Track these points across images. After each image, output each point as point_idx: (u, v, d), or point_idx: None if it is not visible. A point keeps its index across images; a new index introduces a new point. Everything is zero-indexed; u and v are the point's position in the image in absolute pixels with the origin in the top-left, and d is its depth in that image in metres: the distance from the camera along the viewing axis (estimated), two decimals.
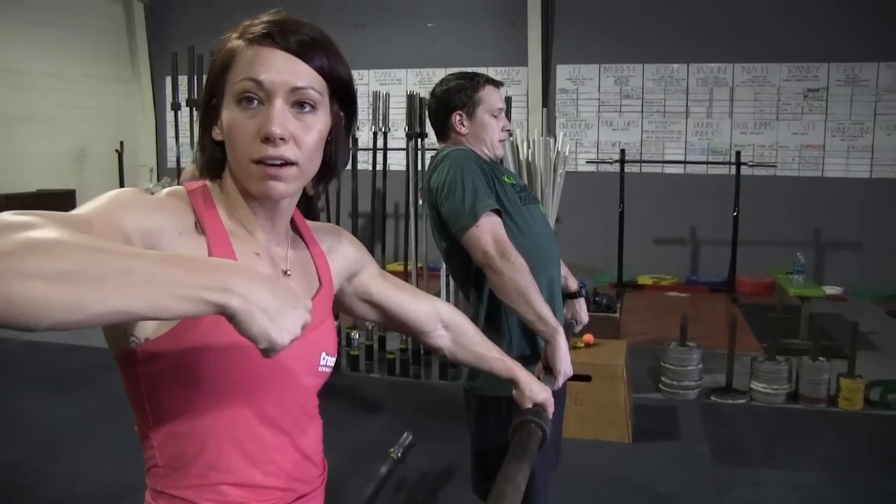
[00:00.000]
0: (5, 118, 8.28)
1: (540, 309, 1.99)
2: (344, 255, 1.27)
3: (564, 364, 1.98)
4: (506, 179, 2.18)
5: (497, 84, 2.26)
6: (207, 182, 1.08)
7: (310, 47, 1.03)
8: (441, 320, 1.44)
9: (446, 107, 2.20)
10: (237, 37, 1.04)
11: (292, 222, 1.17)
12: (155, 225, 0.95)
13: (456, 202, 2.05)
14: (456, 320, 1.48)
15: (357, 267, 1.30)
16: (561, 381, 1.98)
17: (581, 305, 2.52)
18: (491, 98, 2.20)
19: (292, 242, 1.16)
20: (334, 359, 1.18)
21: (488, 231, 2.01)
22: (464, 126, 2.19)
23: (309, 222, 1.23)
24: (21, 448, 3.93)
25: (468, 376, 2.22)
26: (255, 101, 1.00)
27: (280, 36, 1.01)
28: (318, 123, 1.03)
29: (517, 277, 1.98)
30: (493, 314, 2.15)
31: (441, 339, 1.46)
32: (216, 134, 1.05)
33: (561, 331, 2.01)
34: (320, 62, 1.04)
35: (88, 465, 3.74)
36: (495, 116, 2.21)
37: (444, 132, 2.24)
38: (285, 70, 1.00)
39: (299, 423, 1.12)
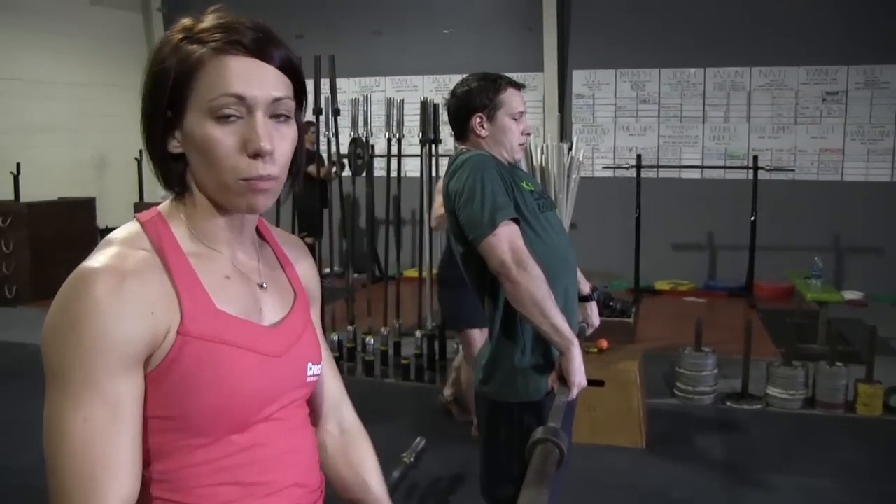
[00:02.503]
0: (26, 127, 8.39)
1: (555, 320, 1.98)
2: (304, 277, 1.19)
3: (579, 376, 1.98)
4: (525, 186, 2.17)
5: (518, 87, 2.24)
6: (161, 207, 1.03)
7: (274, 48, 1.00)
8: (339, 419, 1.31)
9: (467, 108, 2.19)
10: (191, 41, 0.96)
11: (256, 229, 1.12)
12: (132, 338, 0.90)
13: (474, 209, 2.04)
14: (355, 433, 1.33)
15: (310, 297, 1.20)
16: (575, 392, 1.98)
17: (593, 309, 2.50)
18: (512, 101, 2.19)
19: (260, 250, 1.12)
20: (320, 366, 1.15)
21: (505, 240, 2.00)
22: (483, 128, 2.18)
23: (272, 229, 1.19)
24: (37, 453, 3.96)
25: (481, 380, 2.22)
26: (234, 116, 0.95)
27: (252, 43, 0.97)
28: (291, 133, 1.01)
29: (533, 288, 1.97)
30: (508, 322, 2.14)
31: (328, 436, 1.29)
32: (174, 147, 0.98)
33: (576, 342, 2.01)
34: (286, 62, 1.01)
35: None
36: (516, 120, 2.20)
37: (463, 133, 2.23)
38: (265, 82, 0.97)
39: (291, 439, 1.09)
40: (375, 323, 5.41)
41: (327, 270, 5.73)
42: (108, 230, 5.05)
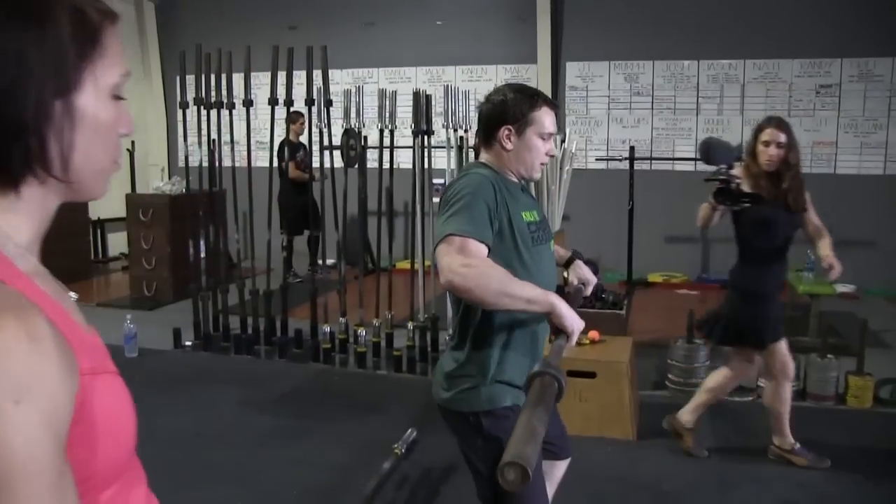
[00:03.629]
0: None
1: (524, 293, 1.90)
2: None
3: (571, 321, 1.92)
4: (525, 215, 2.13)
5: (554, 106, 2.22)
6: None
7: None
8: None
9: (498, 118, 2.16)
10: (81, 5, 0.82)
11: None
12: (60, 402, 0.71)
13: (447, 217, 2.00)
14: None
15: None
16: (575, 338, 1.93)
17: (582, 266, 2.46)
18: (544, 120, 2.16)
19: None
20: None
21: (456, 248, 1.92)
22: (510, 142, 2.15)
23: None
24: None
25: (444, 388, 2.17)
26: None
27: (113, 15, 0.87)
28: None
29: (486, 279, 1.88)
30: (480, 334, 2.10)
31: None
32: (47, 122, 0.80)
33: (552, 296, 1.94)
34: None
35: None
36: (543, 139, 2.18)
37: (489, 141, 2.20)
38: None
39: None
40: (367, 315, 5.41)
41: (319, 262, 5.71)
42: (101, 221, 5.12)
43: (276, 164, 5.67)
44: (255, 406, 4.56)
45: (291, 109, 5.44)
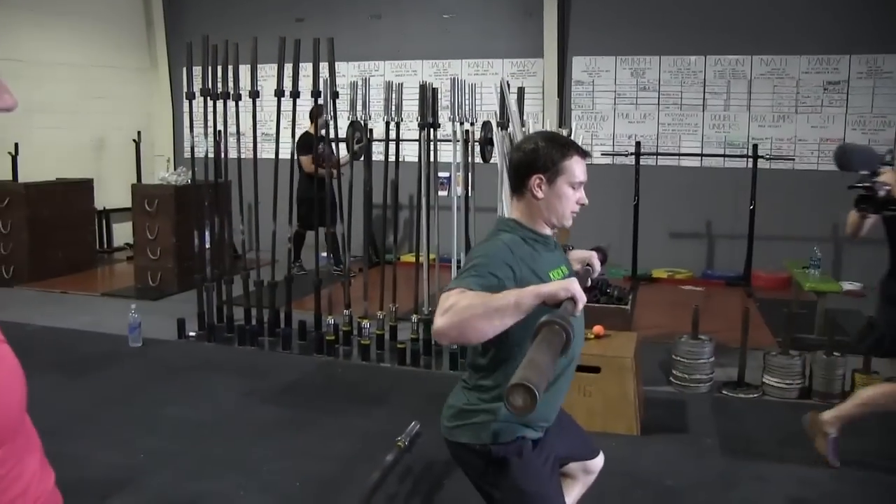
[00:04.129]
0: (25, 108, 8.32)
1: (507, 298, 1.77)
2: None
3: (564, 285, 1.76)
4: (553, 275, 2.10)
5: (585, 155, 2.21)
6: None
7: None
8: None
9: (529, 166, 2.15)
10: None
11: None
12: None
13: (456, 277, 1.97)
14: None
15: None
16: (581, 306, 1.76)
17: (581, 252, 2.45)
18: (575, 169, 2.15)
19: None
20: None
21: (451, 298, 1.82)
22: (540, 190, 2.13)
23: None
24: (40, 431, 3.97)
25: (451, 422, 2.16)
26: None
27: None
28: None
29: (470, 309, 1.76)
30: (490, 373, 2.09)
31: None
32: None
33: (532, 290, 1.79)
34: None
35: (97, 449, 3.77)
36: (574, 188, 2.17)
37: (520, 189, 2.18)
38: None
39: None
40: (372, 307, 5.40)
41: (323, 255, 5.70)
42: (106, 212, 5.12)
43: (295, 156, 5.63)
44: (259, 397, 4.56)
45: (318, 102, 5.41)
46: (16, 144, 8.00)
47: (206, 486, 3.46)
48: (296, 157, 5.61)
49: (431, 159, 5.34)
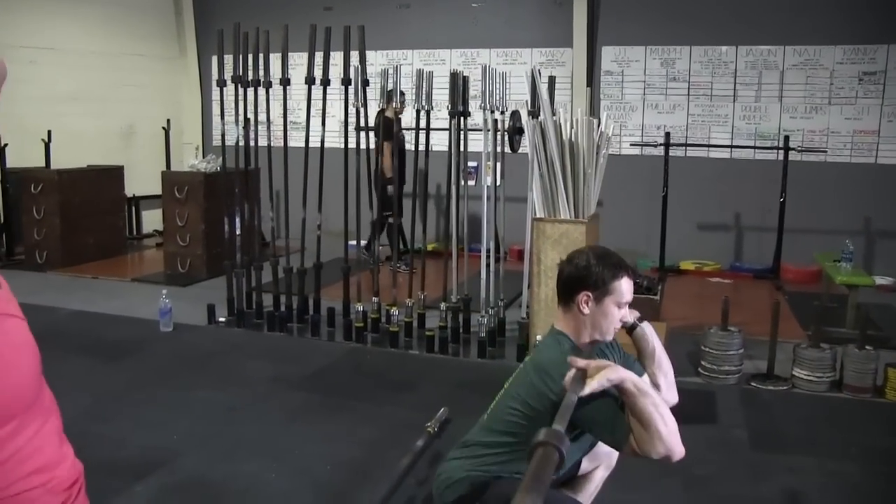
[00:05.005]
0: (56, 96, 8.45)
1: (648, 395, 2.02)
2: None
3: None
4: None
5: (634, 275, 2.32)
6: None
7: None
8: None
9: (578, 282, 2.24)
10: None
11: None
12: None
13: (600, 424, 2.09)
14: None
15: None
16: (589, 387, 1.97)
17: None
18: (623, 290, 2.23)
19: None
20: None
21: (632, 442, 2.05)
22: (587, 307, 2.23)
23: None
24: (68, 413, 3.97)
25: (445, 487, 2.36)
26: None
27: None
28: None
29: (657, 427, 2.02)
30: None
31: None
32: None
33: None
34: None
35: (132, 431, 3.83)
36: (620, 307, 2.25)
37: (567, 301, 2.28)
38: None
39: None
40: (400, 295, 5.42)
41: (353, 243, 5.72)
42: (136, 199, 5.18)
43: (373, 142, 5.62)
44: (288, 382, 4.60)
45: (388, 88, 5.41)
46: (49, 132, 8.12)
47: (239, 467, 3.50)
48: (376, 142, 5.55)
49: (461, 148, 5.34)
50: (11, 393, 0.86)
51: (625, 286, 2.24)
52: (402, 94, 5.38)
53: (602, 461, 2.60)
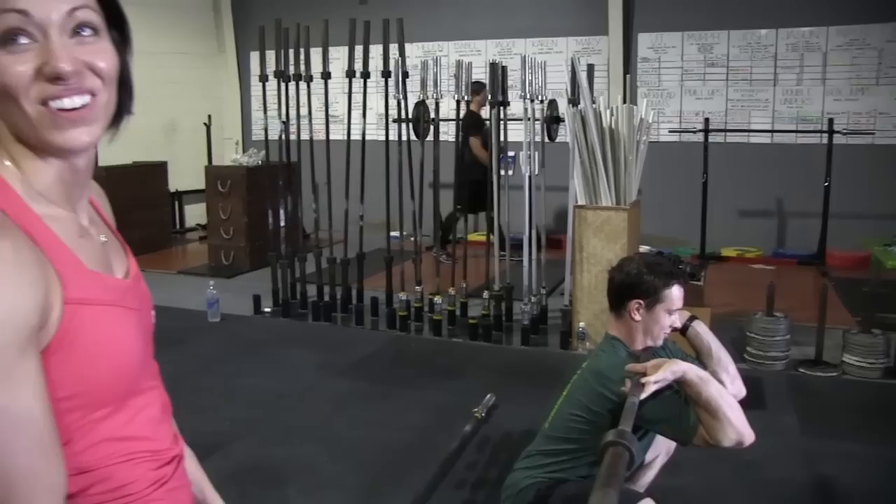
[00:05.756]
0: None
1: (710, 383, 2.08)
2: (111, 222, 1.09)
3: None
4: None
5: (683, 283, 2.34)
6: None
7: None
8: None
9: (629, 291, 2.30)
10: None
11: None
12: (33, 308, 0.78)
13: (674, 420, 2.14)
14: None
15: None
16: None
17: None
18: (674, 297, 2.30)
19: None
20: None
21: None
22: (638, 314, 2.29)
23: None
24: None
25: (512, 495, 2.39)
26: (25, 38, 0.82)
27: None
28: (102, 48, 0.89)
29: (724, 412, 2.07)
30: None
31: None
32: None
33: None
34: None
35: (185, 417, 3.88)
36: (670, 314, 2.31)
37: (618, 308, 2.34)
38: None
39: (161, 397, 1.07)
40: (443, 284, 5.47)
41: (395, 234, 5.78)
42: (179, 193, 5.30)
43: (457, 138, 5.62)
44: (334, 369, 4.68)
45: (473, 80, 5.43)
46: None
47: (291, 452, 3.58)
48: (463, 137, 5.57)
49: (501, 138, 5.36)
50: (107, 379, 0.90)
51: (675, 294, 2.29)
52: (480, 82, 5.35)
53: (661, 449, 2.63)
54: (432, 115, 5.57)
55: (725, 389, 2.14)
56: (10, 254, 0.77)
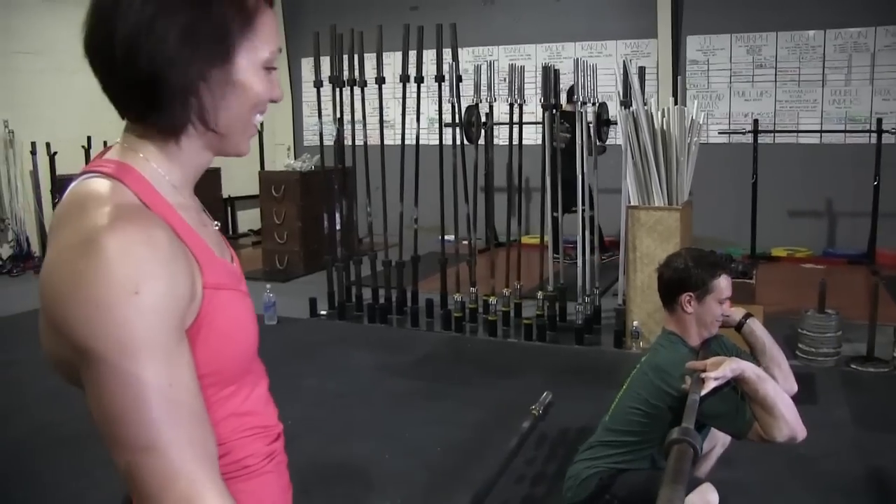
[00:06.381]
0: None
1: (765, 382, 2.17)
2: None
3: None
4: None
5: (730, 273, 2.45)
6: (122, 157, 0.97)
7: None
8: None
9: (679, 285, 2.41)
10: None
11: None
12: (184, 294, 0.88)
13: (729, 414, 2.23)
14: None
15: None
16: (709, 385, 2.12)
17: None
18: (722, 287, 2.40)
19: None
20: None
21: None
22: (690, 306, 2.39)
23: None
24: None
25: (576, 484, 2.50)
26: (273, 69, 1.01)
27: None
28: None
29: (780, 410, 2.17)
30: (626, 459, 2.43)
31: None
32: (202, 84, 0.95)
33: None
34: None
35: None
36: (721, 303, 2.41)
37: (670, 304, 2.45)
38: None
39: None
40: (497, 286, 5.58)
41: (449, 237, 5.91)
42: (231, 199, 5.52)
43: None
44: (392, 370, 4.81)
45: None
46: (88, 138, 8.45)
47: (354, 449, 3.71)
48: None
49: (553, 142, 5.46)
50: (236, 358, 1.00)
51: (723, 283, 2.39)
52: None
53: (718, 440, 2.71)
54: (483, 119, 5.68)
55: (779, 387, 2.22)
56: (165, 243, 0.86)
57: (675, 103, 4.96)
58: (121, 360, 0.81)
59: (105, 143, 7.86)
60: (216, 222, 1.11)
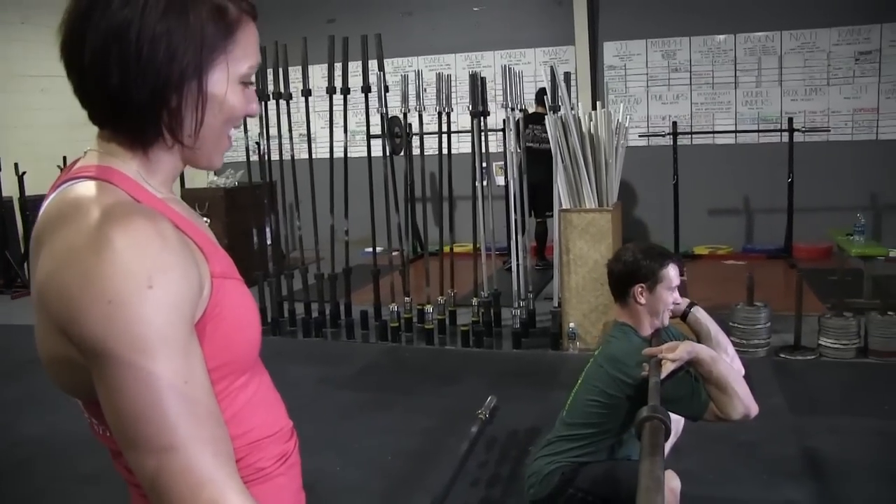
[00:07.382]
0: (71, 122, 8.56)
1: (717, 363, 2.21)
2: None
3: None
4: None
5: (678, 263, 2.51)
6: (104, 162, 0.94)
7: None
8: None
9: (630, 277, 2.45)
10: (224, 3, 0.94)
11: None
12: (194, 287, 0.87)
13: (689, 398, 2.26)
14: None
15: None
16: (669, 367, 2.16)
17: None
18: (671, 276, 2.45)
19: None
20: None
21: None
22: (642, 297, 2.44)
23: None
24: None
25: (537, 481, 2.51)
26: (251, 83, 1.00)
27: (254, 9, 0.99)
28: None
29: (734, 386, 2.20)
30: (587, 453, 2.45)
31: None
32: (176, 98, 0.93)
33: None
34: None
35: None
36: (671, 291, 2.46)
37: (622, 297, 2.49)
38: None
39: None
40: (431, 294, 5.57)
41: (380, 249, 5.89)
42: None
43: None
44: (334, 382, 4.75)
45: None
46: (64, 158, 8.22)
47: (305, 464, 3.60)
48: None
49: (482, 150, 5.50)
50: (246, 347, 0.99)
51: (672, 272, 2.45)
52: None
53: (671, 430, 2.76)
54: (408, 130, 5.70)
55: (731, 367, 2.28)
56: (173, 235, 0.85)
57: (598, 107, 5.06)
58: (137, 358, 0.79)
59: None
60: (206, 218, 1.08)
